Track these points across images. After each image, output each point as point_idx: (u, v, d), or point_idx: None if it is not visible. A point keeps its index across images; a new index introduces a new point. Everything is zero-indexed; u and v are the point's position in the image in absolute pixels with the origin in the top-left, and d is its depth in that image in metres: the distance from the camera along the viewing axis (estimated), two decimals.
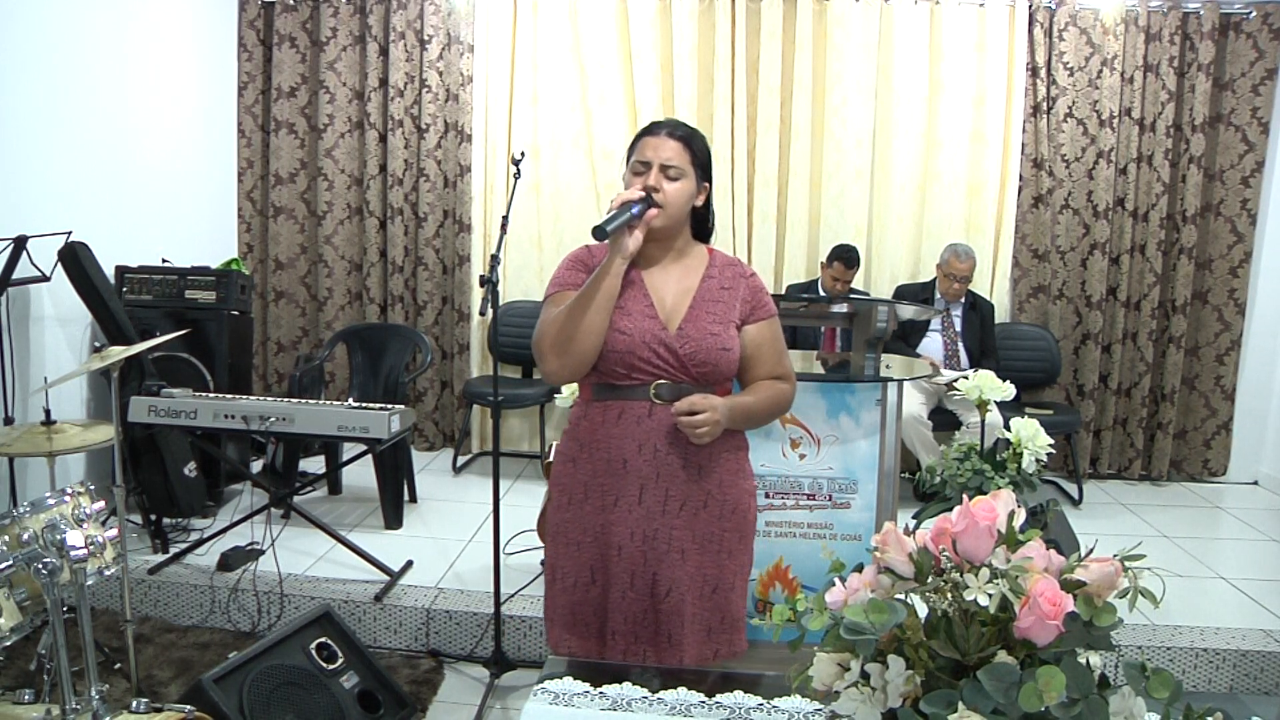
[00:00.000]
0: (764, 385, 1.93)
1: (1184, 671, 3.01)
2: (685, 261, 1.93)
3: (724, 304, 1.89)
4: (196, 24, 4.81)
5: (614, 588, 1.87)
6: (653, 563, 1.86)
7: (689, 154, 1.86)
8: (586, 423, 1.90)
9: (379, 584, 3.29)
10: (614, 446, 1.86)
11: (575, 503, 1.91)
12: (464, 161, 5.06)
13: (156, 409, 3.30)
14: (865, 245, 4.94)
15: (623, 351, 1.81)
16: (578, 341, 1.78)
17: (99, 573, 2.14)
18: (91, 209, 3.96)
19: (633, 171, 1.87)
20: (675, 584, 1.86)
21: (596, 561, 1.90)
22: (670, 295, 1.88)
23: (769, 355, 1.93)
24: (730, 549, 1.92)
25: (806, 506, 2.87)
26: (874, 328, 2.90)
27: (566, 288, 1.88)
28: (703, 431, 1.79)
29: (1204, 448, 5.06)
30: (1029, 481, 3.08)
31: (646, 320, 1.84)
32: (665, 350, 1.83)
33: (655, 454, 1.84)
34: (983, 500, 1.10)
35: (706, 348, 1.83)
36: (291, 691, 2.38)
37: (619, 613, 1.88)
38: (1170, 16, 4.75)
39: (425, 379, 5.21)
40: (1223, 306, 4.95)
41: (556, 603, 1.95)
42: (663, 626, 1.87)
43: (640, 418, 1.84)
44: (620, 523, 1.86)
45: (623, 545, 1.86)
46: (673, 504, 1.86)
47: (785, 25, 4.90)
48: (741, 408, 1.88)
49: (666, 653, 1.87)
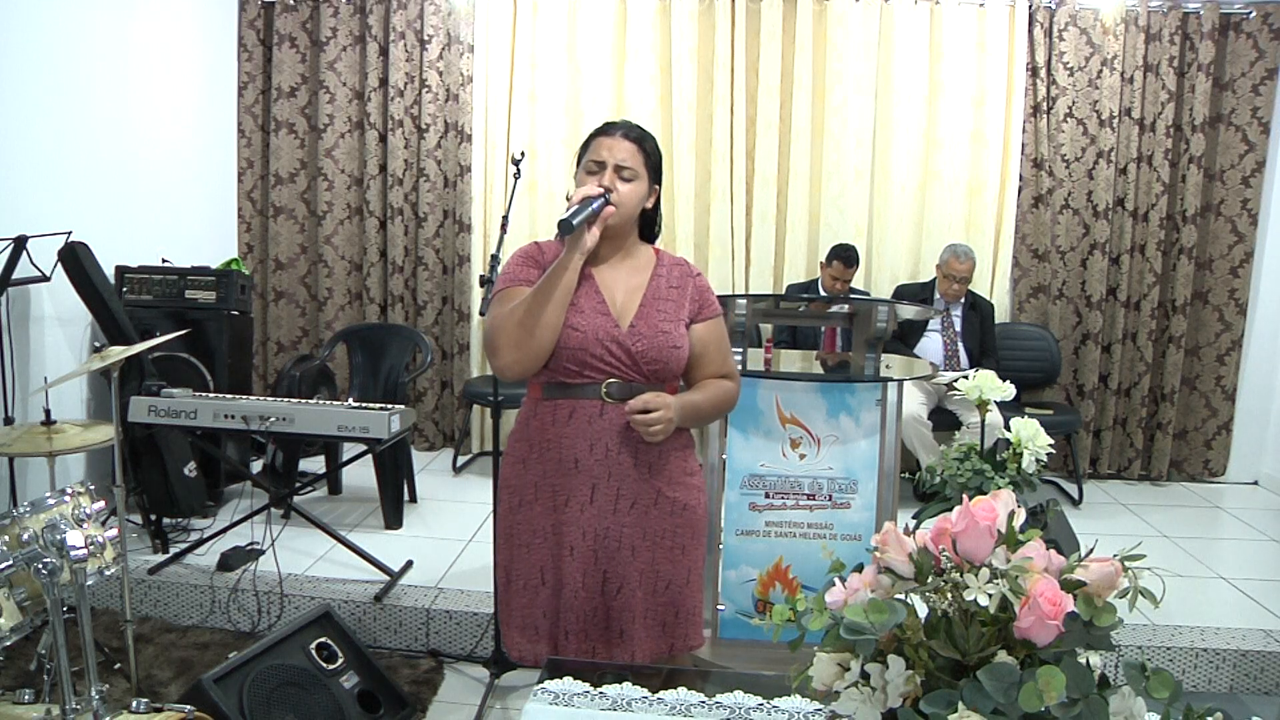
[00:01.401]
0: (711, 384, 1.95)
1: (1184, 671, 3.01)
2: (633, 260, 1.94)
3: (673, 302, 1.91)
4: (196, 24, 4.81)
5: (566, 587, 1.88)
6: (603, 561, 1.88)
7: (642, 155, 1.89)
8: (536, 421, 1.90)
9: (379, 584, 3.29)
10: (565, 446, 1.86)
11: (525, 504, 1.91)
12: (464, 161, 5.06)
13: (156, 409, 3.30)
14: (865, 245, 4.94)
15: (575, 348, 1.82)
16: (536, 337, 1.78)
17: (99, 573, 2.15)
18: (91, 209, 3.96)
19: (586, 171, 1.89)
20: (625, 580, 1.88)
21: (546, 562, 1.90)
22: (621, 293, 1.89)
23: (715, 354, 1.96)
24: (683, 545, 1.94)
25: (806, 506, 2.87)
26: (874, 328, 2.90)
27: (518, 283, 1.88)
28: (657, 430, 1.80)
29: (1205, 448, 5.06)
30: (1029, 481, 3.07)
31: (599, 317, 1.84)
32: (617, 347, 1.83)
33: (607, 453, 1.85)
34: (983, 500, 1.10)
35: (659, 345, 1.85)
36: (291, 691, 2.38)
37: (571, 612, 1.88)
38: (1170, 16, 4.75)
39: (425, 379, 5.21)
40: (1224, 306, 4.95)
41: (510, 606, 1.95)
42: (614, 623, 1.88)
43: (592, 417, 1.85)
44: (572, 522, 1.87)
45: (575, 545, 1.87)
46: (623, 503, 1.87)
47: (785, 25, 4.90)
48: (691, 406, 1.89)
49: (618, 648, 1.88)
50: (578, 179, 1.91)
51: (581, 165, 1.91)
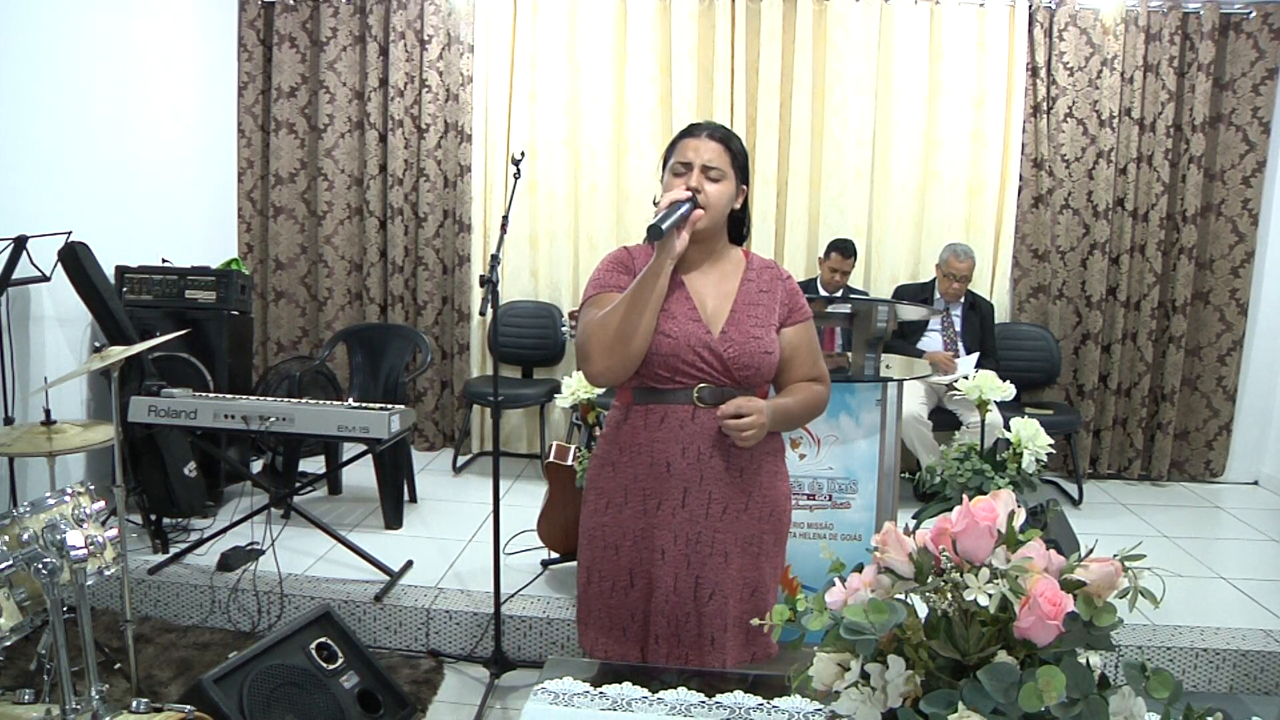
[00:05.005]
0: (801, 387, 1.94)
1: (1184, 671, 3.01)
2: (723, 265, 1.92)
3: (764, 307, 1.89)
4: (196, 24, 4.81)
5: (657, 591, 1.87)
6: (695, 566, 1.86)
7: (728, 155, 1.86)
8: (628, 426, 1.89)
9: (379, 584, 3.29)
10: (657, 450, 1.85)
11: (615, 506, 1.90)
12: (464, 161, 5.06)
13: (156, 409, 3.30)
14: (865, 245, 4.95)
15: (667, 355, 1.81)
16: (628, 344, 1.77)
17: (99, 573, 2.14)
18: (91, 209, 3.96)
19: (673, 173, 1.86)
20: (718, 587, 1.86)
21: (637, 565, 1.89)
22: (711, 299, 1.88)
23: (806, 357, 1.94)
24: (768, 551, 1.93)
25: (806, 507, 2.87)
26: (874, 328, 2.90)
27: (608, 289, 1.87)
28: (749, 434, 1.79)
29: (1205, 448, 5.06)
30: (1029, 481, 3.08)
31: (690, 324, 1.83)
32: (709, 354, 1.82)
33: (699, 457, 1.84)
34: (983, 500, 1.10)
35: (750, 351, 1.83)
36: (291, 691, 2.38)
37: (662, 616, 1.87)
38: (1170, 16, 4.75)
39: (425, 379, 5.21)
40: (1224, 307, 4.95)
41: (592, 606, 1.94)
42: (705, 630, 1.86)
43: (683, 421, 1.84)
44: (664, 526, 1.86)
45: (666, 549, 1.86)
46: (715, 507, 1.86)
47: (785, 25, 4.90)
48: (782, 410, 1.88)
49: (709, 655, 1.86)
50: (665, 182, 1.89)
51: (668, 168, 1.89)
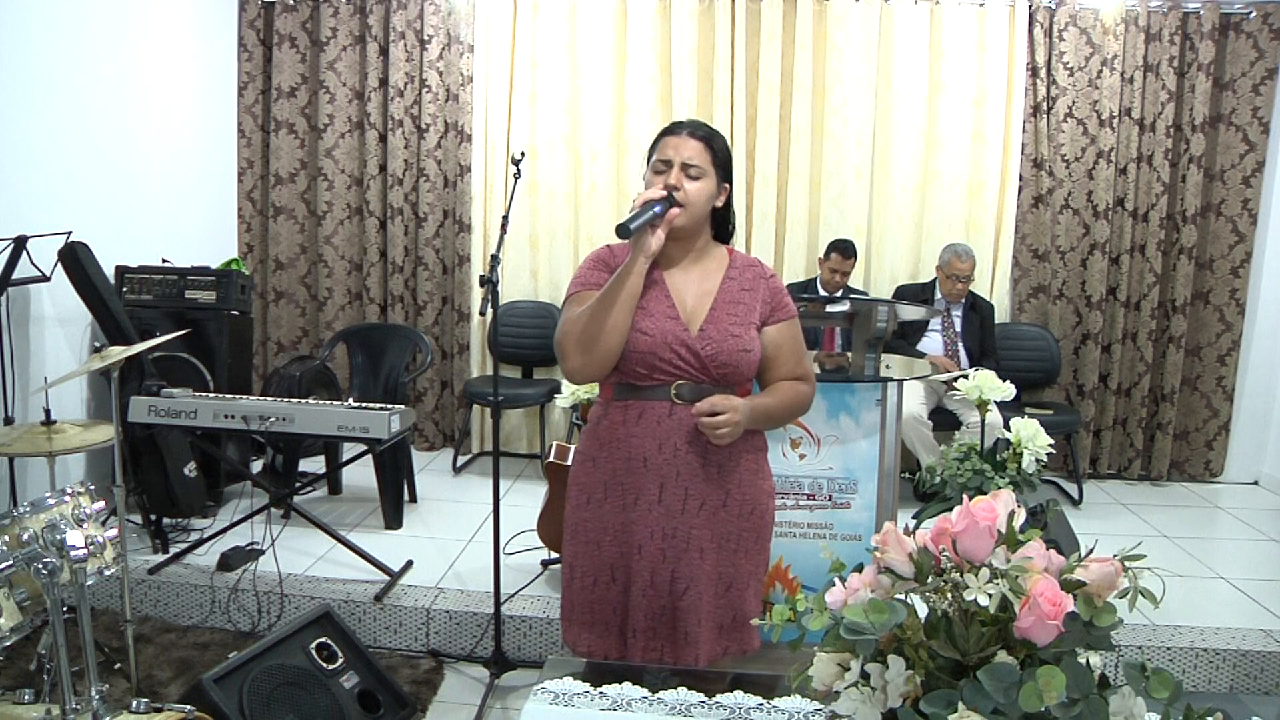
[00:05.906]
0: (784, 386, 1.94)
1: (1184, 671, 3.01)
2: (705, 262, 1.93)
3: (745, 305, 1.90)
4: (196, 24, 4.81)
5: (634, 586, 1.88)
6: (671, 560, 1.87)
7: (710, 154, 1.87)
8: (607, 422, 1.91)
9: (379, 584, 3.29)
10: (634, 445, 1.87)
11: (595, 502, 1.92)
12: (464, 161, 5.06)
13: (156, 409, 3.30)
14: (865, 245, 4.94)
15: (644, 352, 1.82)
16: (601, 340, 1.79)
17: (99, 573, 2.14)
18: (91, 209, 3.96)
19: (654, 170, 1.88)
20: (693, 582, 1.87)
21: (617, 560, 1.90)
22: (691, 296, 1.89)
23: (789, 356, 1.94)
24: (746, 548, 1.94)
25: (806, 506, 2.87)
26: (874, 328, 2.90)
27: (589, 287, 1.89)
28: (723, 432, 1.79)
29: (1205, 448, 5.06)
30: (1029, 481, 3.08)
31: (668, 321, 1.84)
32: (687, 351, 1.83)
33: (675, 453, 1.85)
34: (983, 500, 1.10)
35: (728, 349, 1.84)
36: (291, 691, 2.38)
37: (639, 610, 1.89)
38: (1170, 16, 4.75)
39: (425, 379, 5.21)
40: (1224, 307, 4.95)
41: (574, 601, 1.95)
42: (680, 624, 1.88)
43: (661, 417, 1.85)
44: (640, 521, 1.87)
45: (643, 544, 1.87)
46: (692, 503, 1.87)
47: (785, 25, 4.90)
48: (762, 408, 1.89)
49: (683, 650, 1.88)
50: (646, 179, 1.90)
51: (649, 165, 1.90)
